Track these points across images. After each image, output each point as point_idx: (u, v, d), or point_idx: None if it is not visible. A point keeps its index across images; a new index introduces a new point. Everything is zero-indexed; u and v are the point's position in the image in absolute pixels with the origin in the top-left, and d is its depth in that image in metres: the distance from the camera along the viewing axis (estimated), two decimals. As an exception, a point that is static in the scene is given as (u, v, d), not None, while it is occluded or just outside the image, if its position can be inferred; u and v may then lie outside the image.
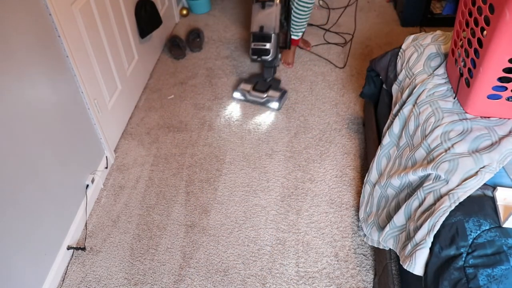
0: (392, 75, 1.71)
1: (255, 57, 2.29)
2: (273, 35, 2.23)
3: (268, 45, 2.25)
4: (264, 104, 2.37)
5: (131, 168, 2.09)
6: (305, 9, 2.45)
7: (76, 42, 1.72)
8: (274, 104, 2.34)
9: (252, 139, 2.17)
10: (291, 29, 2.58)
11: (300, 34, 2.64)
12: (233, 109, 2.38)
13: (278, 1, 2.23)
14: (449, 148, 1.20)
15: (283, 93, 2.39)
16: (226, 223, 1.83)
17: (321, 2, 3.26)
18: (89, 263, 1.71)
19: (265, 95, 2.35)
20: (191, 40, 2.89)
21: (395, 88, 1.63)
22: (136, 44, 2.42)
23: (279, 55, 2.47)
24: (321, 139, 2.17)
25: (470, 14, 1.20)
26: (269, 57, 2.27)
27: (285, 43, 2.54)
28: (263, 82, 2.42)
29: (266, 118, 2.30)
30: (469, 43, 1.21)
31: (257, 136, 2.16)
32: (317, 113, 2.33)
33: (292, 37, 2.66)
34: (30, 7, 1.44)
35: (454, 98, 1.33)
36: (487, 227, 1.04)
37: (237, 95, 2.42)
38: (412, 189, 1.31)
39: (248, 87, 2.42)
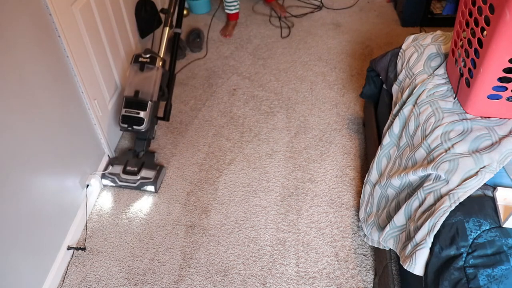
0: (392, 75, 1.71)
1: (125, 125, 1.93)
2: (149, 103, 1.92)
3: (142, 114, 1.91)
4: (139, 188, 1.96)
5: (131, 168, 2.09)
6: None
7: (76, 42, 1.72)
8: (150, 187, 1.94)
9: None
10: (224, 3, 2.72)
11: (233, 8, 2.74)
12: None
13: (160, 65, 1.96)
14: (449, 148, 1.20)
15: (159, 170, 1.98)
16: (226, 223, 1.83)
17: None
18: (89, 263, 1.71)
19: (138, 177, 1.94)
20: (191, 40, 2.89)
21: (395, 88, 1.63)
22: (136, 44, 2.42)
23: (155, 127, 2.14)
24: (321, 139, 2.17)
25: (470, 14, 1.20)
26: (142, 128, 1.92)
27: (165, 115, 2.15)
28: (134, 160, 1.99)
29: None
30: (469, 43, 1.21)
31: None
32: (317, 113, 2.33)
33: (226, 11, 2.82)
34: (30, 7, 1.44)
35: (454, 98, 1.33)
36: (487, 227, 1.04)
37: (106, 182, 1.99)
38: (412, 189, 1.31)
39: (117, 169, 1.98)
